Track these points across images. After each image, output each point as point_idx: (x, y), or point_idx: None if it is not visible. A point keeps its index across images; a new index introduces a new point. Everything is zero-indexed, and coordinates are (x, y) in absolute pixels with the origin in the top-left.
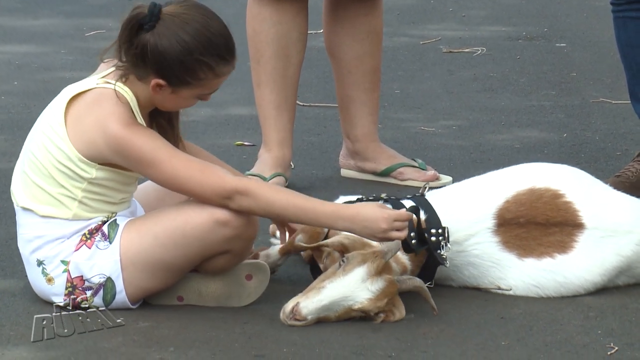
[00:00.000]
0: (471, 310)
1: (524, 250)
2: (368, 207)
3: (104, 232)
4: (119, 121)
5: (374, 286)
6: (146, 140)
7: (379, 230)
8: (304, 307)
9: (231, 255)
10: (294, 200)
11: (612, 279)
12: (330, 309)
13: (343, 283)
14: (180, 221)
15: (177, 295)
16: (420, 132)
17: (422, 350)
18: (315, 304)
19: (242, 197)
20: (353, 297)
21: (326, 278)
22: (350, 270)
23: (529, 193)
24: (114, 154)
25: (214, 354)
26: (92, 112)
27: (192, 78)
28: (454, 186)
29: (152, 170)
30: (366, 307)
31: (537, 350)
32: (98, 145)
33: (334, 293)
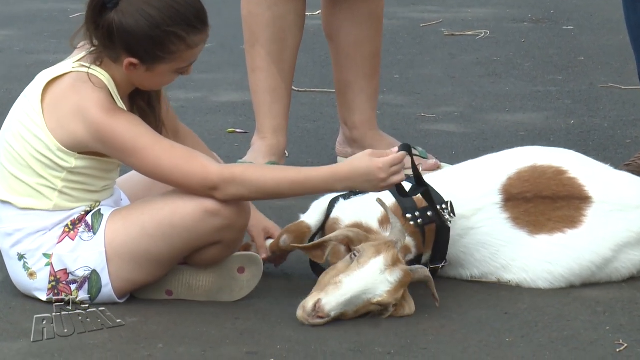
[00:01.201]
0: (473, 305)
1: (535, 227)
2: (361, 160)
3: (88, 223)
4: (99, 107)
5: (392, 277)
6: (128, 126)
7: (379, 180)
8: (327, 304)
9: (222, 247)
10: (286, 175)
11: (621, 254)
12: (351, 303)
13: (362, 276)
14: (168, 210)
15: (166, 289)
16: (420, 119)
17: (422, 347)
18: (338, 299)
19: (229, 185)
20: (373, 289)
21: (340, 272)
22: (366, 263)
23: (531, 170)
24: (93, 142)
25: (204, 351)
26: (70, 98)
27: (163, 52)
28: (455, 167)
29: (134, 159)
30: (385, 299)
31: (543, 347)
32: (78, 133)
33: (355, 287)
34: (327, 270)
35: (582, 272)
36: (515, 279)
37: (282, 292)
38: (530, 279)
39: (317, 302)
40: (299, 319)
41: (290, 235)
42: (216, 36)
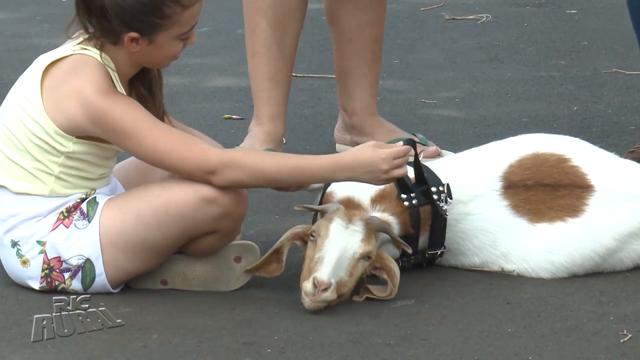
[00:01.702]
0: (475, 295)
1: (535, 215)
2: (364, 150)
3: (83, 211)
4: (98, 89)
5: (357, 226)
6: (126, 109)
7: (380, 172)
8: (322, 274)
9: (219, 236)
10: (286, 162)
11: (625, 245)
12: (341, 266)
13: (332, 240)
14: (164, 198)
15: (161, 279)
16: (420, 105)
17: (422, 338)
18: (328, 266)
19: (227, 169)
20: (350, 245)
21: (312, 255)
22: (327, 231)
23: (533, 158)
24: (92, 125)
25: (200, 342)
26: (68, 80)
27: (160, 18)
28: (455, 155)
29: (132, 143)
30: (365, 249)
31: (545, 338)
32: (75, 116)
33: (333, 250)
34: (303, 266)
35: (585, 262)
36: (516, 268)
37: (280, 282)
38: (531, 269)
39: (314, 279)
40: (310, 308)
41: None
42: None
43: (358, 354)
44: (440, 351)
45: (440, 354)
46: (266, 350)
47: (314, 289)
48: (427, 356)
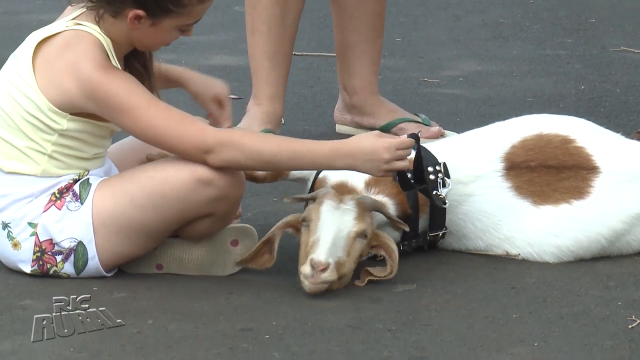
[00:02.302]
0: (479, 279)
1: (539, 197)
2: (366, 138)
3: (75, 192)
4: (93, 63)
5: (349, 205)
6: (122, 84)
7: (382, 161)
8: (320, 254)
9: (215, 219)
10: (286, 145)
11: (633, 227)
12: (337, 246)
13: (326, 222)
14: (158, 180)
15: (156, 263)
16: (423, 84)
17: (424, 324)
18: (324, 246)
19: (225, 148)
20: (344, 224)
21: (307, 241)
22: (319, 214)
23: (537, 138)
24: (86, 100)
25: (196, 327)
26: (63, 55)
27: (175, 5)
28: (455, 136)
29: (127, 119)
30: (360, 226)
31: (552, 324)
32: (70, 91)
33: (327, 231)
34: (299, 253)
35: (591, 246)
36: (521, 253)
37: (278, 266)
38: (536, 253)
39: (311, 261)
40: (310, 291)
41: None
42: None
43: (358, 340)
44: (443, 337)
45: (443, 340)
46: (264, 336)
47: (312, 270)
48: (430, 342)
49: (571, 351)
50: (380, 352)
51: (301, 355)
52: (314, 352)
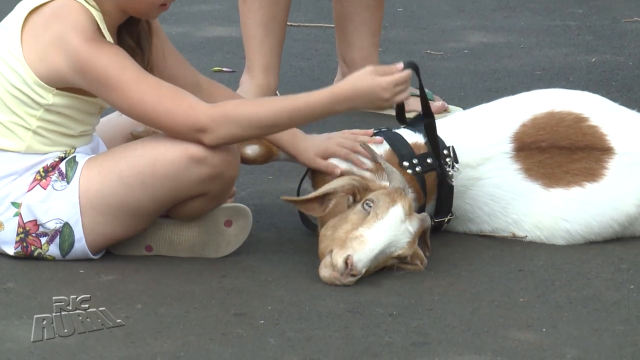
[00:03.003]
0: (484, 261)
1: (550, 180)
2: (363, 79)
3: (61, 171)
4: (82, 36)
5: (412, 227)
6: (112, 58)
7: (382, 100)
8: (359, 261)
9: (208, 199)
10: (283, 104)
11: None
12: (377, 259)
13: (386, 227)
14: (148, 157)
15: (146, 245)
16: (426, 57)
17: (427, 308)
18: (368, 254)
19: (220, 125)
20: (396, 242)
21: (357, 225)
22: (385, 213)
23: (548, 117)
24: (74, 75)
25: (187, 312)
26: (50, 27)
27: None
28: (462, 113)
29: (116, 95)
30: (405, 252)
31: (560, 308)
32: (57, 64)
33: (381, 240)
34: (335, 223)
35: (603, 231)
36: (528, 235)
37: (273, 247)
38: (545, 238)
39: (348, 259)
40: (326, 280)
41: (263, 147)
42: None
43: (358, 325)
44: (446, 322)
45: (446, 325)
46: (259, 321)
47: (345, 268)
48: (433, 327)
49: (581, 337)
50: (380, 338)
51: (298, 341)
52: (311, 338)
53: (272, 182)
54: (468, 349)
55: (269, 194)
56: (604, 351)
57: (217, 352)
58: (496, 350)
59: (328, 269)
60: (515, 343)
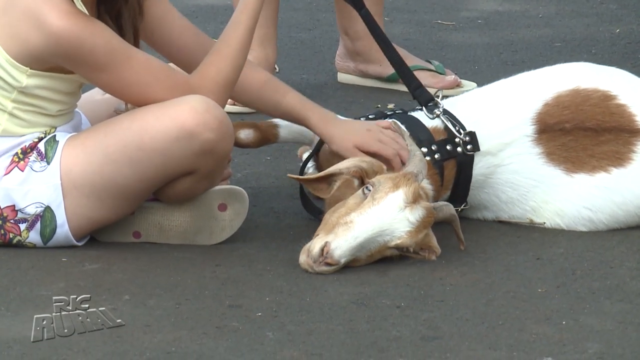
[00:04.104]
0: (500, 249)
1: (573, 164)
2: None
3: (40, 151)
4: (57, 10)
5: (413, 216)
6: (98, 34)
7: None
8: (337, 248)
9: (199, 177)
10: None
11: None
12: (364, 247)
13: (377, 214)
14: (136, 130)
15: (133, 231)
16: (437, 27)
17: (438, 300)
18: (349, 242)
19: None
20: (391, 230)
21: (351, 210)
22: (382, 199)
23: (573, 94)
24: (53, 55)
25: (178, 304)
26: (21, 0)
27: None
28: (478, 91)
29: (106, 75)
30: (405, 242)
31: (582, 300)
32: (31, 42)
33: (369, 227)
34: (335, 207)
35: (629, 220)
36: (548, 222)
37: (271, 234)
38: (565, 226)
39: (325, 246)
40: (302, 266)
41: (258, 132)
42: None
43: (363, 318)
44: (458, 315)
45: (458, 318)
46: (255, 313)
47: (319, 256)
48: (444, 320)
49: (603, 330)
50: (387, 332)
51: (298, 335)
52: (313, 332)
53: (271, 163)
54: (482, 344)
55: (267, 175)
56: (628, 346)
57: (210, 346)
58: (512, 345)
59: (304, 255)
60: (533, 337)
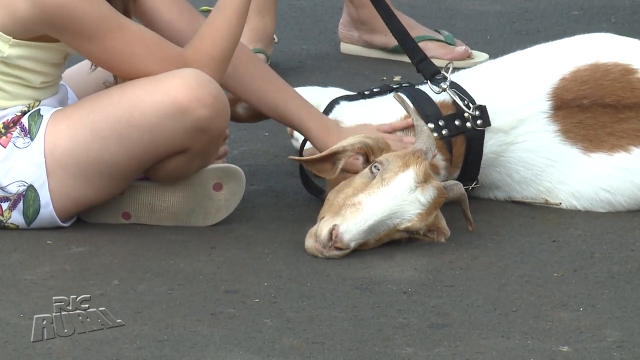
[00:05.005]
0: (513, 230)
1: (591, 142)
2: None
3: (24, 126)
4: None
5: (425, 197)
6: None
7: None
8: (347, 232)
9: (191, 155)
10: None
11: None
12: (374, 230)
13: (388, 195)
14: (125, 105)
15: (123, 211)
16: None
17: (447, 285)
18: (359, 226)
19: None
20: (401, 213)
21: (358, 191)
22: (392, 179)
23: (592, 68)
24: (39, 22)
25: (171, 289)
26: None
27: None
28: (491, 63)
29: (96, 46)
30: (415, 225)
31: (600, 285)
32: (17, 9)
33: (380, 210)
34: (339, 187)
35: None
36: (563, 202)
37: (269, 215)
38: (582, 208)
39: (334, 229)
40: (309, 251)
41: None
42: None
43: (367, 304)
44: (469, 300)
45: (469, 304)
46: (253, 299)
47: (328, 240)
48: (454, 307)
49: (623, 317)
50: (393, 319)
51: (298, 322)
52: (314, 319)
53: (269, 139)
54: (494, 332)
55: (265, 152)
56: None
57: (205, 334)
58: (526, 332)
59: (311, 239)
60: (549, 324)
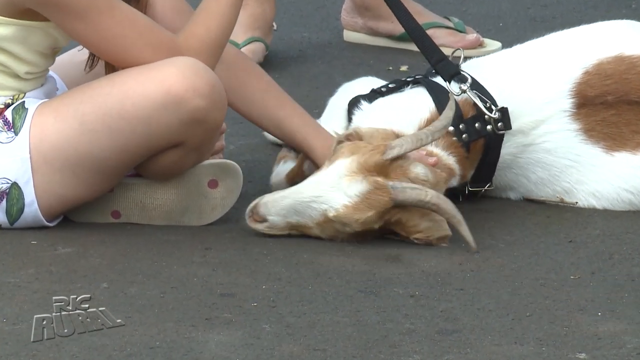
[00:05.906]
0: (528, 230)
1: (614, 141)
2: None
3: (7, 119)
4: None
5: (351, 189)
6: None
7: None
8: (264, 204)
9: (185, 150)
10: None
11: None
12: (300, 212)
13: (317, 178)
14: (116, 96)
15: (112, 210)
16: None
17: (457, 288)
18: (278, 201)
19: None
20: (326, 199)
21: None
22: (332, 163)
23: (616, 61)
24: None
25: (163, 293)
26: None
27: None
28: (506, 55)
29: (83, 25)
30: (342, 216)
31: (619, 288)
32: None
33: (303, 190)
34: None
35: None
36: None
37: None
38: (601, 207)
39: (257, 203)
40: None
41: None
42: None
43: (372, 308)
44: (480, 305)
45: (480, 309)
46: (250, 303)
47: (249, 210)
48: (464, 311)
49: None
50: (400, 325)
51: (298, 328)
52: (315, 324)
53: None
54: (507, 338)
55: (263, 148)
56: None
57: (200, 341)
58: (541, 338)
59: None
60: (565, 330)
